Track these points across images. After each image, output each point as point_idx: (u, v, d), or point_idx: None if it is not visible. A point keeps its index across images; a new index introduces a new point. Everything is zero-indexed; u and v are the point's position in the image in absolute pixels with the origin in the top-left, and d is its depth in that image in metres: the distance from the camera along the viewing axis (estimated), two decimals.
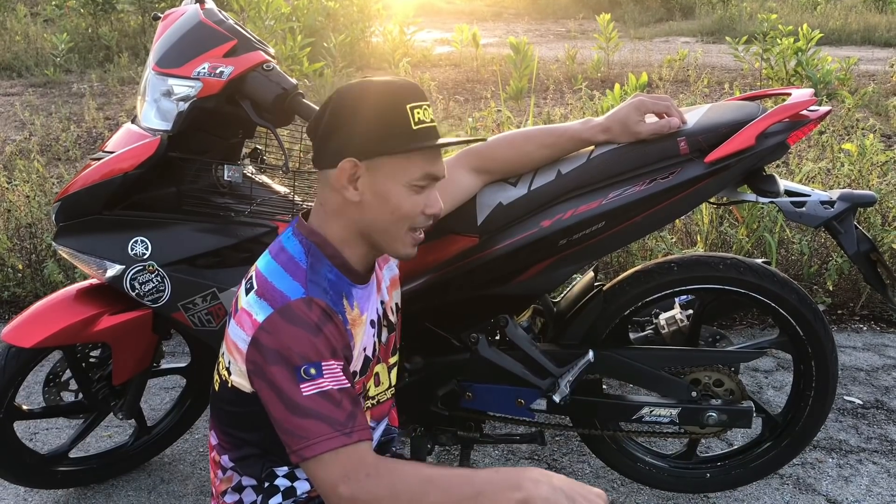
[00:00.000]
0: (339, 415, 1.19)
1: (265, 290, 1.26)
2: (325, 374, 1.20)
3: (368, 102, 1.27)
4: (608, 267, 3.41)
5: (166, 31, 1.90)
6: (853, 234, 1.78)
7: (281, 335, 1.21)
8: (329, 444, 1.17)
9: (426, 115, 1.29)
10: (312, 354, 1.20)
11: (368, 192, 1.29)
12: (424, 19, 10.52)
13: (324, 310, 1.24)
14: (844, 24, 11.78)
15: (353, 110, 1.28)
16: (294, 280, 1.27)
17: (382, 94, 1.27)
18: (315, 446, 1.17)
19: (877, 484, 2.28)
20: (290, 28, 7.17)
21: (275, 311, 1.22)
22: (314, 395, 1.18)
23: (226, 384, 1.34)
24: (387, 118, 1.26)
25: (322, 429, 1.17)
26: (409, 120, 1.26)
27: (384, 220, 1.31)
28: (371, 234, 1.33)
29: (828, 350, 1.95)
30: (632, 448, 2.13)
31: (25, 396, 2.69)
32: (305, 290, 1.25)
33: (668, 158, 1.73)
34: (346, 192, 1.29)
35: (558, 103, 6.22)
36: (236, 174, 1.93)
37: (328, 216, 1.34)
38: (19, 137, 5.85)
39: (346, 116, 1.29)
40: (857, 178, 3.62)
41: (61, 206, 1.92)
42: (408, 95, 1.28)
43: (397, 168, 1.28)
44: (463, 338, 1.91)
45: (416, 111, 1.27)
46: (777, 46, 6.74)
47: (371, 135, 1.27)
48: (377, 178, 1.28)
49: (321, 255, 1.32)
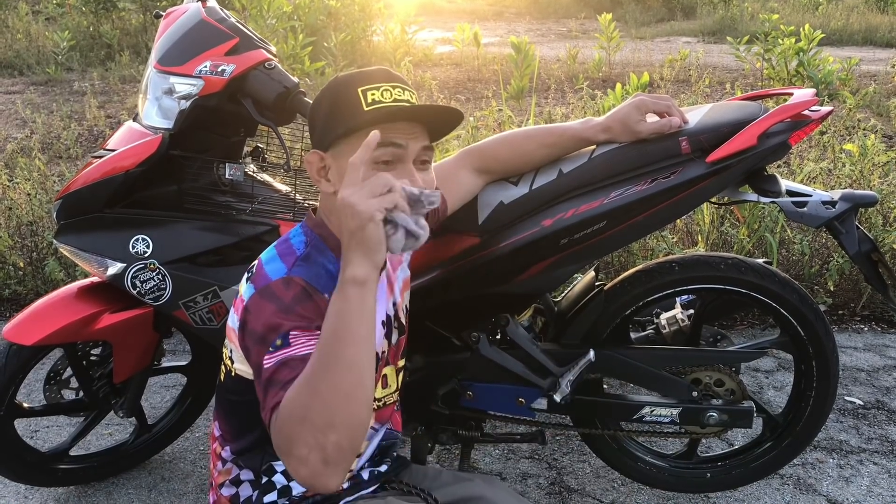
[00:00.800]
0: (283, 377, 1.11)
1: (256, 276, 1.27)
2: (291, 344, 1.14)
3: (328, 93, 1.30)
4: (609, 266, 3.41)
5: (168, 30, 1.90)
6: (854, 234, 1.78)
7: (259, 314, 1.19)
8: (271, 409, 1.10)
9: (385, 96, 1.27)
10: (281, 328, 1.16)
11: (338, 180, 1.28)
12: (426, 18, 10.53)
13: (303, 288, 1.22)
14: (846, 24, 11.78)
15: (316, 103, 1.32)
16: (282, 263, 1.27)
17: (337, 83, 1.29)
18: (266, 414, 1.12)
19: (877, 484, 2.28)
20: (291, 27, 7.17)
21: (256, 291, 1.23)
22: (274, 365, 1.13)
23: (230, 373, 1.34)
24: (340, 103, 1.27)
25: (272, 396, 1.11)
26: (360, 101, 1.26)
27: None
28: None
29: (829, 350, 1.94)
30: (632, 448, 2.13)
31: (26, 394, 2.70)
32: (288, 270, 1.24)
33: (670, 158, 1.73)
34: (319, 185, 1.31)
35: (559, 103, 6.22)
36: (238, 172, 1.93)
37: (325, 212, 1.34)
38: (21, 135, 5.86)
39: (314, 111, 1.33)
40: (858, 178, 3.62)
41: (62, 203, 1.92)
42: (363, 80, 1.28)
43: (354, 148, 1.22)
44: (464, 337, 1.91)
45: (371, 92, 1.26)
46: (778, 47, 6.73)
47: (329, 123, 1.28)
48: (340, 164, 1.27)
49: (325, 249, 1.32)
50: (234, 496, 1.42)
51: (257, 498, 1.40)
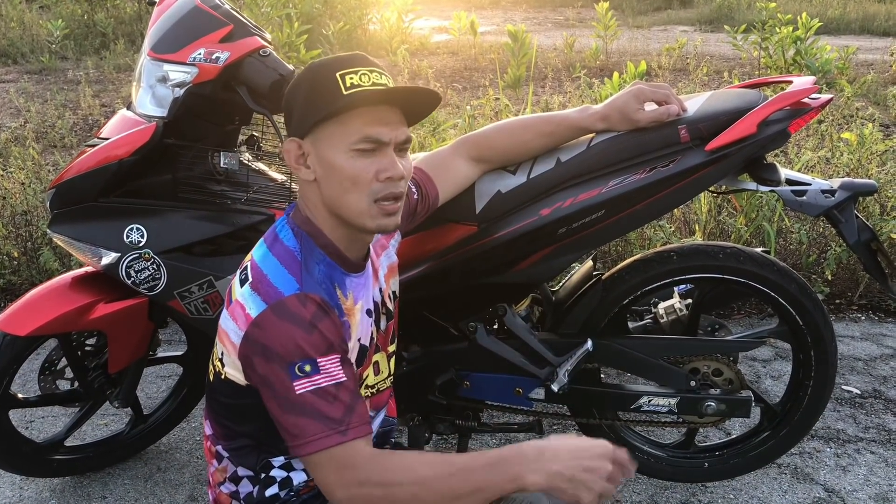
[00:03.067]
0: (334, 412, 1.16)
1: (259, 284, 1.23)
2: (320, 371, 1.18)
3: (305, 79, 1.27)
4: (605, 256, 3.40)
5: (161, 17, 1.88)
6: (854, 223, 1.77)
7: (274, 332, 1.18)
8: (322, 444, 1.15)
9: (364, 80, 1.24)
10: (308, 351, 1.18)
11: (318, 167, 1.26)
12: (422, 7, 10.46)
13: (319, 305, 1.22)
14: (843, 13, 11.75)
15: (291, 90, 1.29)
16: (289, 274, 1.24)
17: (314, 68, 1.27)
18: (308, 445, 1.16)
19: (874, 473, 2.28)
20: (286, 15, 7.12)
21: (268, 306, 1.20)
22: (308, 393, 1.16)
23: (219, 375, 1.32)
24: (317, 88, 1.24)
25: (315, 427, 1.16)
26: (338, 86, 1.23)
27: (339, 192, 1.26)
28: (336, 211, 1.28)
29: (827, 339, 1.94)
30: (630, 437, 2.13)
31: (21, 385, 2.68)
32: (300, 286, 1.23)
33: (669, 146, 1.71)
34: (298, 173, 1.29)
35: (557, 92, 6.20)
36: (233, 161, 1.92)
37: (306, 203, 1.32)
38: (14, 124, 5.82)
39: (287, 99, 1.30)
40: (856, 167, 3.61)
41: (56, 192, 1.90)
42: (341, 65, 1.25)
43: (335, 134, 1.23)
44: (461, 327, 1.90)
45: (349, 76, 1.23)
46: (776, 35, 6.71)
47: (305, 109, 1.26)
48: (320, 150, 1.25)
49: (313, 245, 1.30)
50: (234, 493, 1.41)
51: (259, 493, 1.39)
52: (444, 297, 1.86)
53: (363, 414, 1.20)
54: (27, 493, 2.23)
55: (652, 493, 2.20)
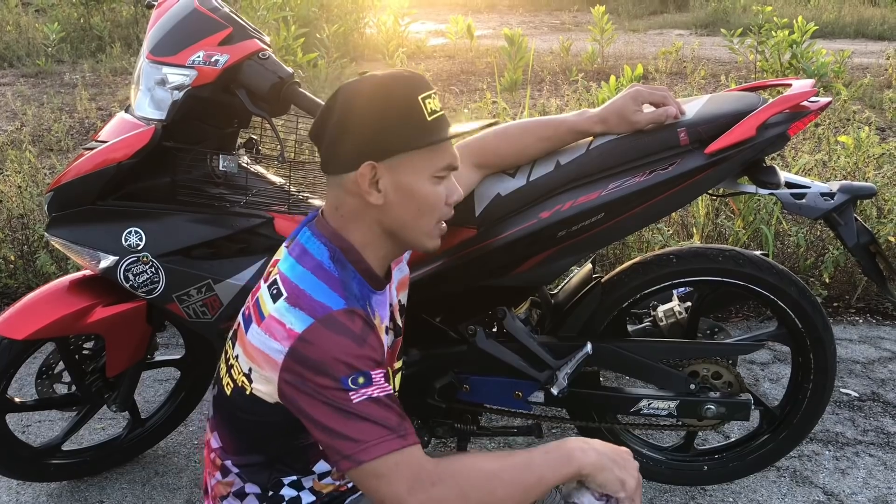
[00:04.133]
0: (392, 419, 1.17)
1: (300, 299, 1.22)
2: (373, 383, 1.18)
3: (379, 99, 1.22)
4: (603, 259, 3.40)
5: (160, 19, 1.87)
6: (853, 226, 1.77)
7: (325, 345, 1.18)
8: (388, 447, 1.15)
9: (436, 105, 1.25)
10: (360, 364, 1.18)
11: (392, 192, 1.25)
12: (418, 10, 10.47)
13: (365, 320, 1.22)
14: (838, 17, 11.78)
15: (364, 109, 1.23)
16: (331, 290, 1.23)
17: (393, 89, 1.22)
18: (372, 449, 1.15)
19: (873, 476, 2.28)
20: (283, 18, 7.12)
21: (315, 321, 1.19)
22: (365, 402, 1.17)
23: (243, 391, 1.28)
24: (401, 113, 1.22)
25: (378, 431, 1.15)
26: (423, 112, 1.22)
27: (411, 216, 1.27)
28: (398, 233, 1.29)
29: (826, 342, 1.94)
30: (629, 440, 2.13)
31: (18, 389, 2.67)
32: (346, 302, 1.23)
33: (668, 149, 1.71)
34: (368, 197, 1.25)
35: (554, 95, 6.21)
36: (231, 164, 1.91)
37: (347, 220, 1.29)
38: (11, 128, 5.80)
39: (357, 117, 1.23)
40: (852, 170, 3.62)
41: (54, 196, 1.90)
42: (417, 87, 1.23)
43: (418, 162, 1.24)
44: (460, 330, 1.90)
45: (428, 102, 1.23)
46: (772, 39, 6.72)
47: (388, 134, 1.22)
48: (400, 177, 1.24)
49: (346, 262, 1.28)
50: None
51: None
52: (443, 300, 1.86)
53: (412, 426, 1.21)
54: (24, 498, 2.21)
55: (651, 497, 2.19)
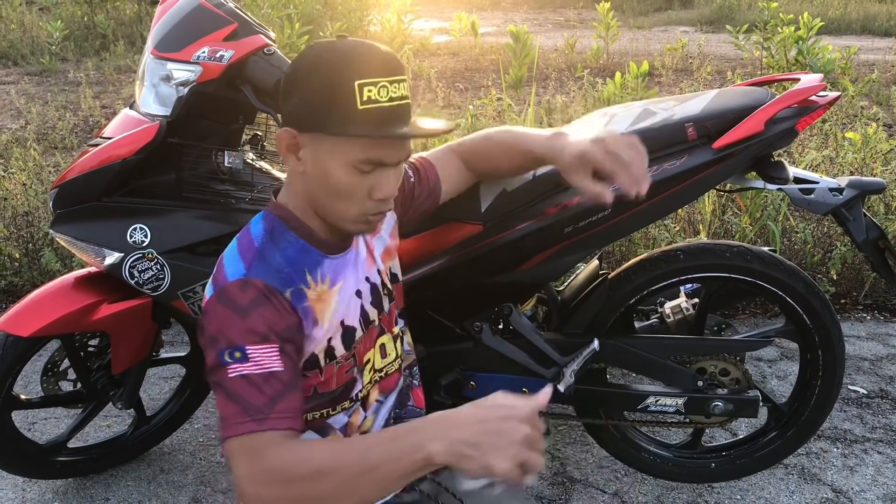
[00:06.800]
0: (257, 399, 1.12)
1: (216, 273, 1.23)
2: (249, 359, 1.13)
3: (316, 73, 1.15)
4: (609, 256, 3.39)
5: (165, 15, 1.87)
6: (862, 221, 1.76)
7: (214, 317, 1.17)
8: (239, 429, 1.11)
9: (382, 94, 1.15)
10: (237, 338, 1.14)
11: (310, 165, 1.21)
12: (422, 8, 10.45)
13: (260, 291, 1.18)
14: (844, 13, 11.74)
15: (300, 77, 1.17)
16: (241, 260, 1.22)
17: (332, 65, 1.14)
18: (228, 428, 1.12)
19: (882, 473, 2.27)
20: (287, 16, 7.11)
21: (213, 293, 1.20)
22: (237, 378, 1.13)
23: None
24: (329, 95, 1.14)
25: (237, 411, 1.11)
26: (354, 99, 1.13)
27: (327, 197, 1.22)
28: (318, 210, 1.26)
29: (835, 339, 1.93)
30: (636, 438, 2.12)
31: (23, 386, 2.67)
32: (246, 271, 1.20)
33: (676, 144, 1.70)
34: (288, 162, 1.23)
35: (559, 91, 6.19)
36: (237, 160, 1.91)
37: (289, 184, 1.28)
38: (15, 126, 5.81)
39: (294, 82, 1.18)
40: (860, 166, 3.60)
41: (59, 192, 1.89)
42: (362, 69, 1.14)
43: (337, 146, 1.17)
44: (466, 326, 1.89)
45: (367, 89, 1.13)
46: (778, 35, 6.69)
47: (311, 108, 1.16)
48: (317, 153, 1.19)
49: (285, 229, 1.27)
50: None
51: None
52: (449, 296, 1.85)
53: (291, 409, 1.15)
54: (30, 495, 2.21)
55: (658, 494, 2.19)
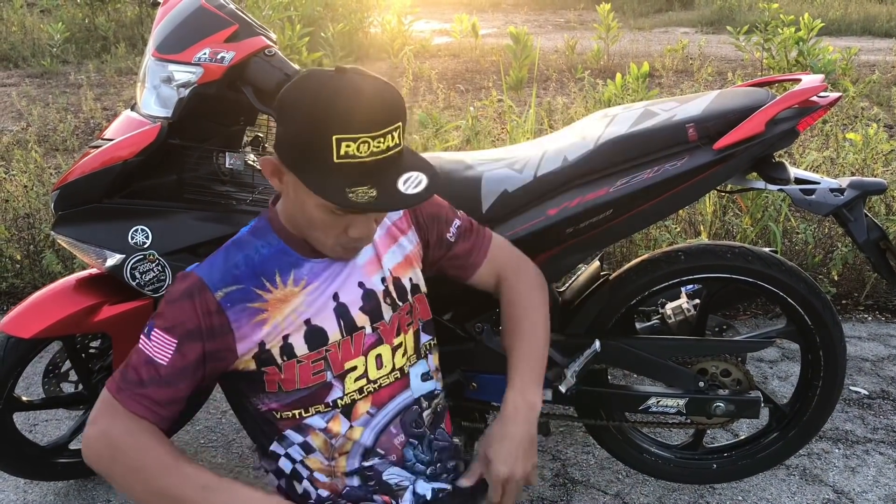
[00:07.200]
0: (132, 374, 1.25)
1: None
2: (150, 339, 1.25)
3: (300, 111, 1.13)
4: (610, 257, 3.39)
5: (166, 17, 1.87)
6: (863, 221, 1.76)
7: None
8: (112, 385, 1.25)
9: (362, 150, 1.11)
10: (156, 317, 1.27)
11: (291, 192, 1.23)
12: (422, 9, 10.47)
13: (189, 286, 1.27)
14: (844, 14, 11.75)
15: (287, 108, 1.16)
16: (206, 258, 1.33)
17: (316, 111, 1.11)
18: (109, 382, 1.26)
19: (883, 474, 2.26)
20: (288, 17, 7.11)
21: None
22: (138, 347, 1.27)
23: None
24: (308, 137, 1.12)
25: (120, 374, 1.26)
26: (330, 153, 1.10)
27: (304, 224, 1.26)
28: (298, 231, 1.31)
29: (836, 340, 1.92)
30: (637, 439, 2.11)
31: (25, 387, 2.67)
32: (196, 266, 1.30)
33: (677, 145, 1.71)
34: (272, 183, 1.26)
35: (559, 93, 6.19)
36: (238, 162, 1.91)
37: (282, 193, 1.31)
38: (16, 128, 5.82)
39: (282, 110, 1.17)
40: (861, 167, 3.60)
41: (60, 194, 1.89)
42: (343, 122, 1.10)
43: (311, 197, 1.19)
44: (468, 327, 1.89)
45: (346, 144, 1.10)
46: (778, 36, 6.69)
47: (291, 149, 1.16)
48: (296, 187, 1.20)
49: (269, 230, 1.33)
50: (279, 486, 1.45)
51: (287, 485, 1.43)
52: (450, 297, 1.85)
53: (154, 399, 1.25)
54: (31, 497, 2.21)
55: (660, 495, 2.18)
